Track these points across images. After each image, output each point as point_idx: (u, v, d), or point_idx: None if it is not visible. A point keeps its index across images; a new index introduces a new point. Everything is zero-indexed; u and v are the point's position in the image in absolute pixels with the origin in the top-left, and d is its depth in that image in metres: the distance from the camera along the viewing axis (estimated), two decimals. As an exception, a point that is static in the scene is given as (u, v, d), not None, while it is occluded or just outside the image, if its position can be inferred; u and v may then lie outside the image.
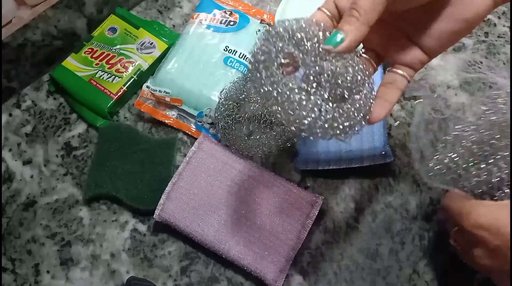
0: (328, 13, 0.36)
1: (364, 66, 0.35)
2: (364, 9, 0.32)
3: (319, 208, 0.50)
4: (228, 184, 0.51)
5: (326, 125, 0.33)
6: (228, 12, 0.61)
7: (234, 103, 0.53)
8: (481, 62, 0.62)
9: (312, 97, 0.33)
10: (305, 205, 0.50)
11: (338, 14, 0.36)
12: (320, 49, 0.33)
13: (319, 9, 0.36)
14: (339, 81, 0.33)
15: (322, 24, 0.34)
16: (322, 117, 0.33)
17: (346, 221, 0.52)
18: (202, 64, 0.58)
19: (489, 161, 0.42)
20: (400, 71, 0.37)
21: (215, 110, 0.54)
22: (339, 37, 0.33)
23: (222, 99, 0.53)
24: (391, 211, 0.52)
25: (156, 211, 0.50)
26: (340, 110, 0.33)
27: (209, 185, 0.51)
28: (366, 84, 0.35)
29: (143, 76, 0.59)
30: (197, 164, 0.52)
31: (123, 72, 0.58)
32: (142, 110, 0.57)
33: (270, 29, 0.34)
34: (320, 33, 0.34)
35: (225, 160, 0.53)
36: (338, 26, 0.33)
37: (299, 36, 0.33)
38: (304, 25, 0.34)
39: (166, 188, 0.51)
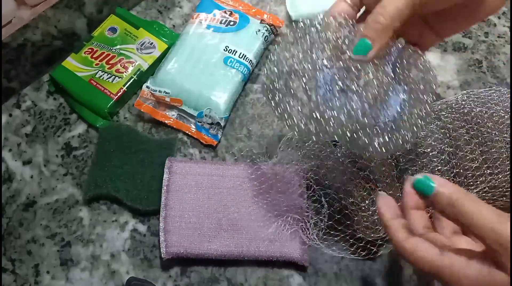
0: (349, 2, 0.36)
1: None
2: (390, 16, 0.32)
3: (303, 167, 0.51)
4: (215, 192, 0.51)
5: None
6: (228, 12, 0.61)
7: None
8: (481, 62, 0.62)
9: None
10: (295, 176, 0.51)
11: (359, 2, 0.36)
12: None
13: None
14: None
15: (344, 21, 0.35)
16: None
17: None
18: (202, 64, 0.58)
19: None
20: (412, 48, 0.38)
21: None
22: (366, 45, 0.32)
23: None
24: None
25: (161, 249, 0.48)
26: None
27: (199, 201, 0.51)
28: None
29: (143, 76, 0.58)
30: (178, 188, 0.51)
31: (123, 72, 0.58)
32: (142, 110, 0.57)
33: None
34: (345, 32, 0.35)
35: (201, 172, 0.52)
36: (364, 32, 0.33)
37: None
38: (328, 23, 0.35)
39: (160, 224, 0.49)
